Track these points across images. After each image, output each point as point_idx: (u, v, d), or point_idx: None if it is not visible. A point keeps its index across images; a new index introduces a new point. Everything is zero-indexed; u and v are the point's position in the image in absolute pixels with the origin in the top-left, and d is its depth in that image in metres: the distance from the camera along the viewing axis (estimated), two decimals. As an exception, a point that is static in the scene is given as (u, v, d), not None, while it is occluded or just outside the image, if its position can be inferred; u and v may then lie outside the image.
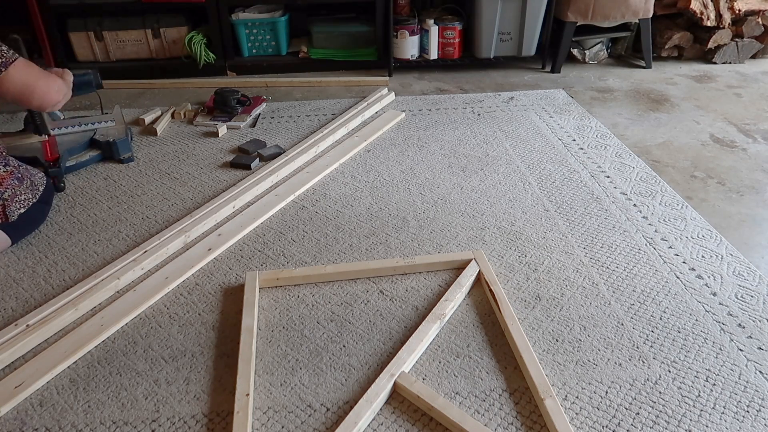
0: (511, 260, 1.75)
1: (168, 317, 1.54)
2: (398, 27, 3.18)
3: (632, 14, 3.20)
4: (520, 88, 3.12)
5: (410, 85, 3.17)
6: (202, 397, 1.31)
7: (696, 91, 3.08)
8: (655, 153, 2.43)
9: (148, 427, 1.25)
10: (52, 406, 1.30)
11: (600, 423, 1.26)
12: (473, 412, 1.28)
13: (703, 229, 1.90)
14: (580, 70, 3.39)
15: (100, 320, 1.50)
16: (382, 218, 1.95)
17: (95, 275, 1.63)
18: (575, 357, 1.42)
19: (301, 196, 2.09)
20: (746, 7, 3.35)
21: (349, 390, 1.33)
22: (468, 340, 1.46)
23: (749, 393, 1.32)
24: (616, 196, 2.08)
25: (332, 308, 1.57)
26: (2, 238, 1.73)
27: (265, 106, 2.81)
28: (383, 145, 2.45)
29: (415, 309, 1.56)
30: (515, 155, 2.36)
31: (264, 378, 1.36)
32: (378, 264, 1.69)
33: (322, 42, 3.26)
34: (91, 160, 2.26)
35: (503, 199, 2.06)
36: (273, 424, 1.25)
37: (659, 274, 1.69)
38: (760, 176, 2.25)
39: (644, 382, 1.35)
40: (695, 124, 2.69)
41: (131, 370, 1.39)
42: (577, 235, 1.87)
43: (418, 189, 2.12)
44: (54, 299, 1.55)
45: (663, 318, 1.53)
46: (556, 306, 1.57)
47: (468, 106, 2.84)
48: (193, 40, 3.11)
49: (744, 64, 3.46)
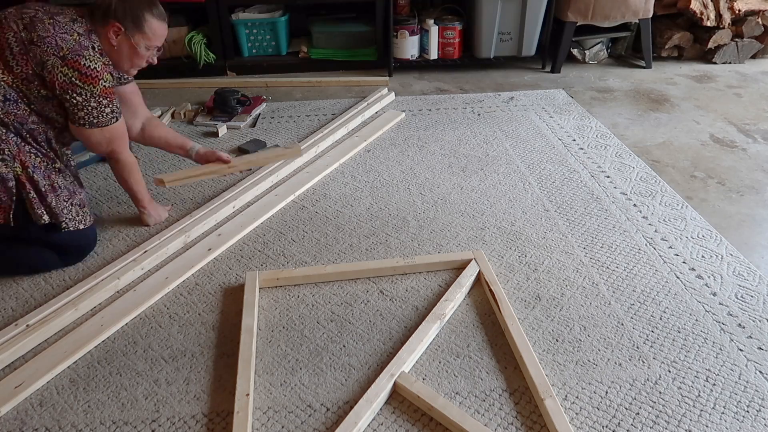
0: (511, 260, 1.75)
1: (168, 317, 1.54)
2: (398, 27, 3.18)
3: (632, 14, 3.20)
4: (520, 88, 3.12)
5: (410, 85, 3.17)
6: (202, 397, 1.31)
7: (696, 91, 3.08)
8: (655, 153, 2.43)
9: (148, 427, 1.25)
10: (52, 406, 1.30)
11: (600, 423, 1.26)
12: (473, 412, 1.28)
13: (703, 229, 1.90)
14: (580, 70, 3.39)
15: (100, 320, 1.50)
16: (382, 218, 1.95)
17: (95, 275, 1.63)
18: (575, 357, 1.42)
19: (301, 196, 2.09)
20: (746, 7, 3.35)
21: (349, 390, 1.33)
22: (468, 340, 1.46)
23: (749, 393, 1.32)
24: (616, 196, 2.08)
25: (332, 308, 1.57)
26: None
27: (265, 106, 2.81)
28: (383, 145, 2.45)
29: (415, 309, 1.56)
30: (515, 155, 2.36)
31: (264, 378, 1.36)
32: (378, 264, 1.69)
33: (322, 42, 3.26)
34: (91, 160, 2.26)
35: (503, 199, 2.06)
36: (273, 424, 1.25)
37: (659, 274, 1.69)
38: (760, 176, 2.25)
39: (644, 382, 1.35)
40: (695, 124, 2.69)
41: (131, 370, 1.39)
42: (577, 235, 1.87)
43: (418, 189, 2.12)
44: (54, 299, 1.55)
45: (663, 318, 1.53)
46: (556, 306, 1.57)
47: (468, 106, 2.84)
48: (193, 40, 3.11)
49: (744, 64, 3.46)
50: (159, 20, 1.60)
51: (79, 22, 1.55)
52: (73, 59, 1.48)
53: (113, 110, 1.61)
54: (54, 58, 1.47)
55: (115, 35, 1.56)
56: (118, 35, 1.56)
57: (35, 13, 1.52)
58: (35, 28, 1.49)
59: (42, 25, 1.50)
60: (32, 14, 1.52)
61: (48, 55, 1.47)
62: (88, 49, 1.52)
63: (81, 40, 1.51)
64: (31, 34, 1.48)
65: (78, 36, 1.51)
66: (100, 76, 1.53)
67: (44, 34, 1.48)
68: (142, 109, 1.89)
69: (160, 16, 1.61)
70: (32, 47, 1.47)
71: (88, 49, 1.51)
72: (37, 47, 1.47)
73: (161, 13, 1.61)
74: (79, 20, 1.55)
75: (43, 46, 1.47)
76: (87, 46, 1.52)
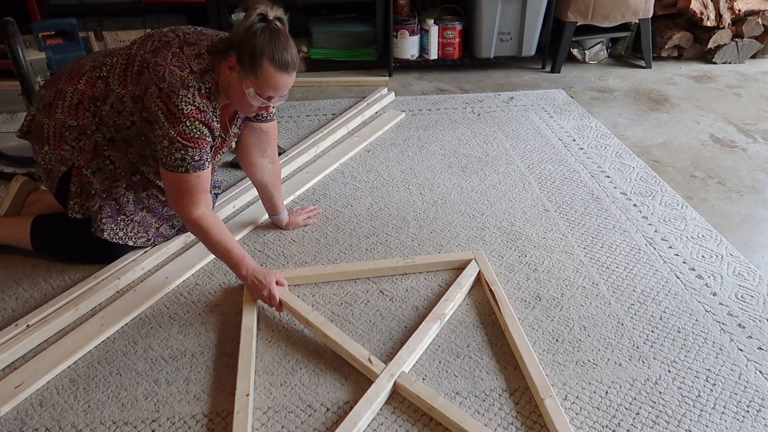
0: (511, 260, 1.75)
1: (168, 317, 1.54)
2: (398, 27, 3.18)
3: (632, 14, 3.20)
4: (520, 88, 3.12)
5: (410, 85, 3.17)
6: (202, 397, 1.31)
7: (696, 91, 3.08)
8: (655, 153, 2.43)
9: (148, 427, 1.25)
10: (52, 406, 1.30)
11: (600, 423, 1.26)
12: (473, 412, 1.28)
13: (703, 229, 1.90)
14: (580, 70, 3.39)
15: (100, 320, 1.50)
16: (382, 218, 1.95)
17: (95, 275, 1.63)
18: (575, 357, 1.42)
19: (301, 196, 2.09)
20: (746, 7, 3.35)
21: (349, 390, 1.33)
22: (468, 340, 1.46)
23: (749, 393, 1.32)
24: (616, 196, 2.08)
25: (332, 308, 1.57)
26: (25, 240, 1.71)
27: (265, 106, 2.80)
28: (383, 145, 2.45)
29: (414, 309, 1.56)
30: (515, 155, 2.36)
31: (264, 378, 1.36)
32: (378, 264, 1.69)
33: (322, 42, 3.26)
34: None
35: (503, 199, 2.06)
36: (273, 424, 1.25)
37: (659, 274, 1.69)
38: (760, 176, 2.25)
39: (644, 382, 1.35)
40: (695, 124, 2.69)
41: (131, 370, 1.39)
42: (577, 235, 1.87)
43: (418, 189, 2.12)
44: (54, 299, 1.55)
45: (663, 318, 1.53)
46: (556, 306, 1.57)
47: (468, 106, 2.84)
48: (193, 40, 3.11)
49: (744, 64, 3.46)
50: (279, 70, 1.37)
51: (203, 57, 1.42)
52: (167, 94, 1.37)
53: (185, 159, 1.40)
54: (154, 87, 1.39)
55: (230, 71, 1.40)
56: (233, 71, 1.39)
57: (173, 38, 1.45)
58: (159, 53, 1.42)
59: (165, 53, 1.42)
60: (170, 39, 1.45)
61: (152, 83, 1.40)
62: (189, 89, 1.38)
63: (187, 78, 1.39)
64: (153, 58, 1.42)
65: (188, 73, 1.40)
66: (185, 118, 1.38)
67: (161, 62, 1.40)
68: (270, 150, 1.73)
69: (281, 65, 1.37)
70: (146, 71, 1.42)
71: (188, 89, 1.38)
72: (149, 73, 1.41)
73: (285, 63, 1.38)
74: (204, 55, 1.43)
75: (153, 74, 1.40)
76: (190, 86, 1.39)
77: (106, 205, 1.61)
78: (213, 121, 1.43)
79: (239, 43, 1.36)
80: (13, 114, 2.70)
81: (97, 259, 1.69)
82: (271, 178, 1.76)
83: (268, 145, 1.71)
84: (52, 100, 1.53)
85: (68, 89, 1.51)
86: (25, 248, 1.72)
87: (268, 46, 1.35)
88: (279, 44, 1.36)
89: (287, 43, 1.39)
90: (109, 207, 1.62)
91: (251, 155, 1.70)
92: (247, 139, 1.69)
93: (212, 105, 1.43)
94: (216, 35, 1.50)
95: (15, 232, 1.72)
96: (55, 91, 1.53)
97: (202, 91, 1.40)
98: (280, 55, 1.36)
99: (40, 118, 1.55)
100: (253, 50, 1.35)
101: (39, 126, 1.56)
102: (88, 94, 1.50)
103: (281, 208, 1.85)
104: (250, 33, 1.35)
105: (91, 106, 1.50)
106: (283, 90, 1.43)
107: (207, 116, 1.41)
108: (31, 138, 1.59)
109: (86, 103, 1.50)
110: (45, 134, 1.55)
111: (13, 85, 2.57)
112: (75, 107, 1.51)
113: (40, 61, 2.07)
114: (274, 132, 1.73)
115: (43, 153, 1.57)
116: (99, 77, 1.51)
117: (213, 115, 1.43)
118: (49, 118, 1.53)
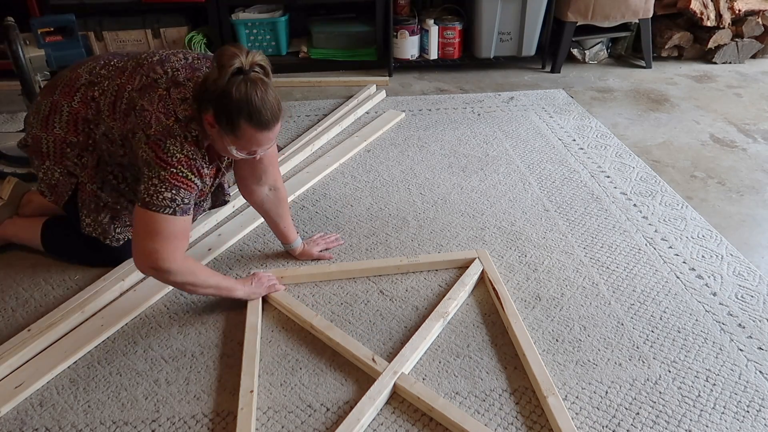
0: (511, 260, 1.75)
1: (168, 317, 1.54)
2: (398, 27, 3.18)
3: (632, 14, 3.20)
4: (520, 88, 3.12)
5: (410, 85, 3.17)
6: (202, 397, 1.31)
7: (696, 91, 3.08)
8: (655, 153, 2.43)
9: (148, 427, 1.25)
10: (52, 406, 1.30)
11: (600, 423, 1.26)
12: (473, 412, 1.28)
13: (703, 229, 1.90)
14: (580, 70, 3.39)
15: (100, 320, 1.50)
16: (382, 218, 1.95)
17: (103, 278, 1.63)
18: (575, 357, 1.42)
19: (301, 196, 2.09)
20: (746, 7, 3.35)
21: (349, 390, 1.33)
22: (468, 340, 1.46)
23: (749, 393, 1.32)
24: (616, 196, 2.08)
25: (332, 308, 1.57)
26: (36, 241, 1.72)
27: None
28: (383, 145, 2.45)
29: (414, 309, 1.56)
30: (515, 155, 2.36)
31: (264, 378, 1.36)
32: (382, 263, 1.69)
33: (322, 42, 3.26)
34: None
35: (503, 199, 2.06)
36: (273, 424, 1.26)
37: (659, 274, 1.69)
38: (760, 176, 2.25)
39: (644, 382, 1.35)
40: (695, 124, 2.69)
41: (131, 370, 1.39)
42: (577, 235, 1.87)
43: (418, 189, 2.12)
44: (63, 305, 1.54)
45: (663, 318, 1.53)
46: (556, 306, 1.57)
47: (468, 106, 2.84)
48: (193, 40, 3.11)
49: (744, 64, 3.46)
50: (257, 128, 1.30)
51: (188, 102, 1.36)
52: (155, 142, 1.32)
53: (174, 200, 1.33)
54: (141, 134, 1.35)
55: (210, 126, 1.33)
56: (213, 127, 1.32)
57: (161, 76, 1.40)
58: (146, 95, 1.37)
59: (152, 95, 1.37)
60: (158, 76, 1.40)
61: (138, 129, 1.36)
62: (177, 138, 1.33)
63: (173, 127, 1.34)
64: (139, 100, 1.38)
65: (174, 122, 1.34)
66: (177, 163, 1.33)
67: (147, 107, 1.36)
68: (268, 177, 1.63)
69: (260, 124, 1.29)
70: (133, 113, 1.38)
71: (176, 138, 1.33)
72: (135, 117, 1.37)
73: (264, 121, 1.29)
74: (190, 101, 1.36)
75: (139, 119, 1.36)
76: (176, 135, 1.33)
77: (118, 215, 1.61)
78: (203, 168, 1.38)
79: (216, 101, 1.27)
80: (13, 114, 2.70)
81: (105, 263, 1.69)
82: (272, 206, 1.67)
83: (263, 172, 1.61)
84: (48, 114, 1.50)
85: (64, 104, 1.48)
86: (36, 248, 1.74)
87: (246, 106, 1.25)
88: (256, 100, 1.26)
89: (265, 97, 1.27)
90: (120, 218, 1.62)
91: (247, 183, 1.64)
92: (241, 169, 1.62)
93: (201, 152, 1.38)
94: (207, 71, 1.41)
95: (26, 234, 1.74)
96: (51, 103, 1.50)
97: (189, 139, 1.34)
98: (258, 115, 1.27)
99: (37, 132, 1.51)
100: (229, 111, 1.26)
101: (37, 141, 1.51)
102: (82, 115, 1.47)
103: (292, 236, 1.73)
104: (225, 92, 1.25)
105: (85, 128, 1.48)
106: (265, 144, 1.36)
107: (197, 163, 1.36)
108: (30, 152, 1.56)
109: (81, 124, 1.48)
110: (44, 150, 1.51)
111: (13, 85, 2.57)
112: (73, 124, 1.48)
113: (39, 58, 2.05)
114: (270, 158, 1.61)
115: (45, 168, 1.53)
116: (92, 98, 1.47)
117: (203, 162, 1.38)
118: (47, 132, 1.50)
